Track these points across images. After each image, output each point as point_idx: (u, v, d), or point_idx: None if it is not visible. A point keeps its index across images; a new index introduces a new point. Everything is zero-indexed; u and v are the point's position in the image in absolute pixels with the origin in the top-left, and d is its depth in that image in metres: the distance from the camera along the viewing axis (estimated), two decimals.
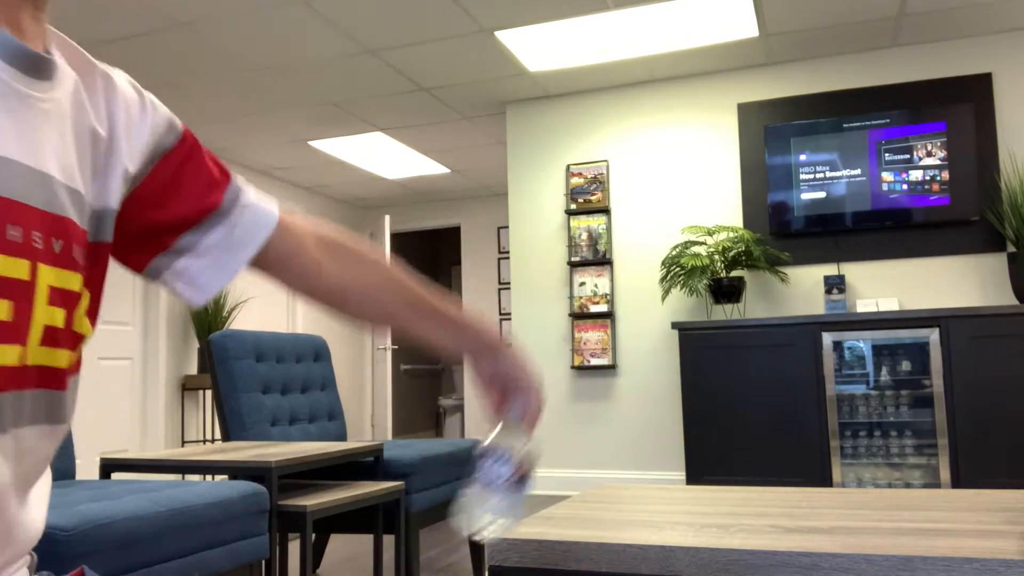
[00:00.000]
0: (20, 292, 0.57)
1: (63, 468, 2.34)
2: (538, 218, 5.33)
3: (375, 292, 0.85)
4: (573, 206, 5.19)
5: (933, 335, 4.07)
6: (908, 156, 4.48)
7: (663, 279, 4.70)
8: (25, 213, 0.57)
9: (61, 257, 0.60)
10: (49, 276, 0.59)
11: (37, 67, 0.61)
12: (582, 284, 5.14)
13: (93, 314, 0.67)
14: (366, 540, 3.86)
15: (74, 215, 0.63)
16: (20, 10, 0.61)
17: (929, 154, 4.45)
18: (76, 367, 0.65)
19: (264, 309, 7.06)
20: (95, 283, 0.67)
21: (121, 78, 0.72)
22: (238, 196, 0.79)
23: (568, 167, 5.24)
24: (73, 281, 0.62)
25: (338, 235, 0.87)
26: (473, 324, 0.89)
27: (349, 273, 0.84)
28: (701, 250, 4.76)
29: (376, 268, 0.86)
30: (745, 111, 4.91)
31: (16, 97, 0.59)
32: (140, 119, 0.72)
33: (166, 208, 0.74)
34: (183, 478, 5.31)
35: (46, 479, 0.66)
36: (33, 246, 0.58)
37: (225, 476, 2.80)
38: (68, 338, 0.62)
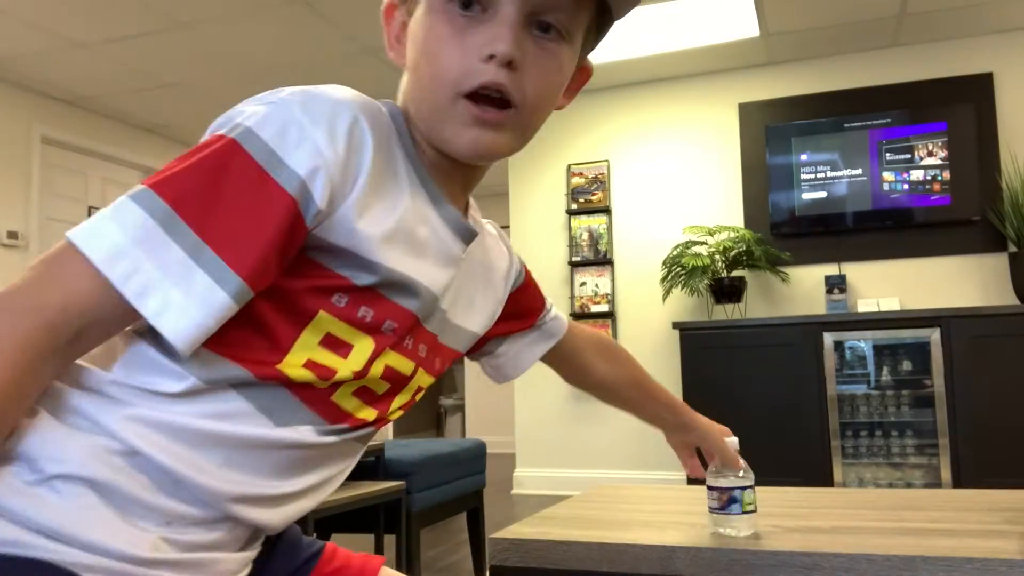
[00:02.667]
0: (400, 382, 0.77)
1: None
2: (538, 218, 5.33)
3: (626, 387, 1.15)
4: (574, 206, 5.19)
5: (934, 335, 4.07)
6: (909, 156, 4.48)
7: (664, 279, 4.70)
8: (441, 350, 0.82)
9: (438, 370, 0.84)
10: (423, 379, 0.81)
11: (470, 236, 0.79)
12: (583, 284, 5.14)
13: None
14: (366, 540, 3.85)
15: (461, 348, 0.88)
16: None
17: (930, 154, 4.45)
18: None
19: None
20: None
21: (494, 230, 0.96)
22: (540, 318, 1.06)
23: (568, 167, 5.24)
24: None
25: (593, 337, 1.14)
26: (677, 408, 1.19)
27: (611, 373, 1.13)
28: (702, 250, 4.75)
29: (630, 369, 1.15)
30: (746, 111, 4.90)
31: (458, 264, 0.79)
32: (511, 266, 0.97)
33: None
34: None
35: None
36: (419, 355, 0.79)
37: None
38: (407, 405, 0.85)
